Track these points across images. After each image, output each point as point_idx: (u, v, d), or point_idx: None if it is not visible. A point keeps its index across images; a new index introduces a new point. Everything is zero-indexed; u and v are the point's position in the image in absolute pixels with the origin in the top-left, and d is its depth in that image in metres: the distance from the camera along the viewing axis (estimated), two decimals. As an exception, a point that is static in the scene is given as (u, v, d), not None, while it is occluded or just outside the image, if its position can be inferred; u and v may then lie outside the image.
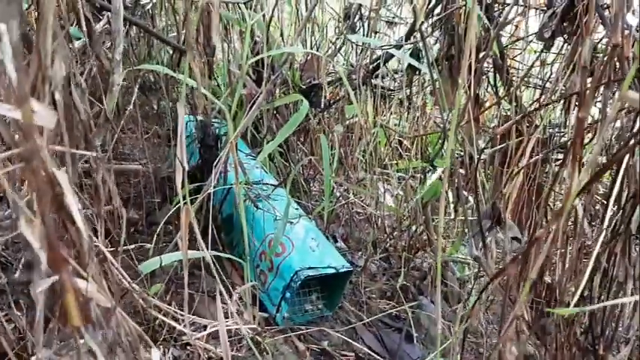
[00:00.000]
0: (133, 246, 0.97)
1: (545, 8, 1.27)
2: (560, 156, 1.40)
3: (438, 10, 1.45)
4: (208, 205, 1.41)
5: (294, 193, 1.63)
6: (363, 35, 1.47)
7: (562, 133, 1.32)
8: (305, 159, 1.28)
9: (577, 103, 1.19)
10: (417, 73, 1.45)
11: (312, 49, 1.50)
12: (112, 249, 0.91)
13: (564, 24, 1.11)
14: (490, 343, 1.49)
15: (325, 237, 1.41)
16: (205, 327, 1.14)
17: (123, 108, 1.07)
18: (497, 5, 1.36)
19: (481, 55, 1.27)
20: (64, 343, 0.74)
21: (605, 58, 0.79)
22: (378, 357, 1.27)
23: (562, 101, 1.22)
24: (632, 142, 0.77)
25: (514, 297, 0.98)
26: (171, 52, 1.49)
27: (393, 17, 1.75)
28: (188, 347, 1.09)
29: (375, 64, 1.48)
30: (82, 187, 0.91)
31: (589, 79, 0.95)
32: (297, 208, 1.43)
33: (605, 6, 1.09)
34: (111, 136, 0.99)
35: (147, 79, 1.56)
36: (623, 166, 0.80)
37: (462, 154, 1.56)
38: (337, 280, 1.34)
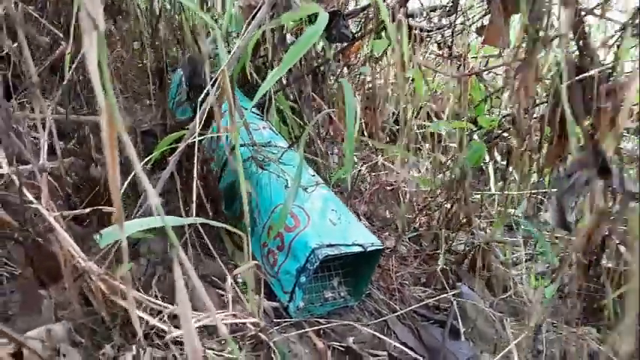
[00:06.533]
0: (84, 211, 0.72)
1: None
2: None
3: None
4: (206, 171, 1.17)
5: (312, 165, 1.37)
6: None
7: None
8: (322, 112, 1.01)
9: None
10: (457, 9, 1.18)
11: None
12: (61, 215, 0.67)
13: None
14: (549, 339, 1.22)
15: (348, 210, 1.16)
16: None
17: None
18: None
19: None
20: None
21: None
22: (417, 356, 1.01)
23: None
24: None
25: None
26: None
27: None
28: (174, 347, 0.85)
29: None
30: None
31: None
32: (313, 175, 1.17)
33: None
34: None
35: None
36: None
37: (511, 111, 1.28)
38: (364, 262, 1.09)
